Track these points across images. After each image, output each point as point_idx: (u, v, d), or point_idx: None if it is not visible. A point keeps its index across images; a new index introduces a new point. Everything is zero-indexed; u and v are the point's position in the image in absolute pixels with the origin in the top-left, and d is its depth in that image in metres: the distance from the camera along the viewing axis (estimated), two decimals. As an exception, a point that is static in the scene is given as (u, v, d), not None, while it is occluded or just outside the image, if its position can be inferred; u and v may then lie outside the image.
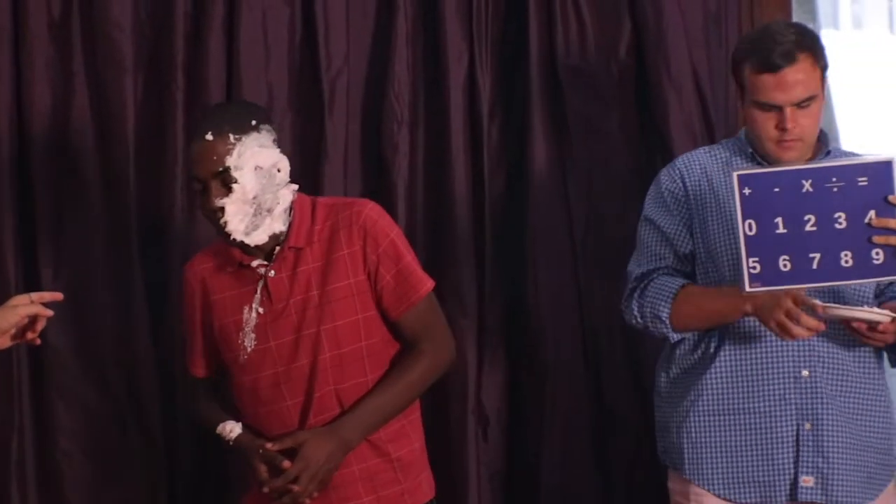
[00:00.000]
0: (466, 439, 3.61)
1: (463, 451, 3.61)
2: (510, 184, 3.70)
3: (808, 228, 2.80)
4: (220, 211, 2.85)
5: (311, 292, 2.90)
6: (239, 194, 2.84)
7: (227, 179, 2.85)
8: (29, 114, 3.53)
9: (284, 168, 2.92)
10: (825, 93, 3.01)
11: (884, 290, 3.05)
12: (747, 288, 2.83)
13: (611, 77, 3.70)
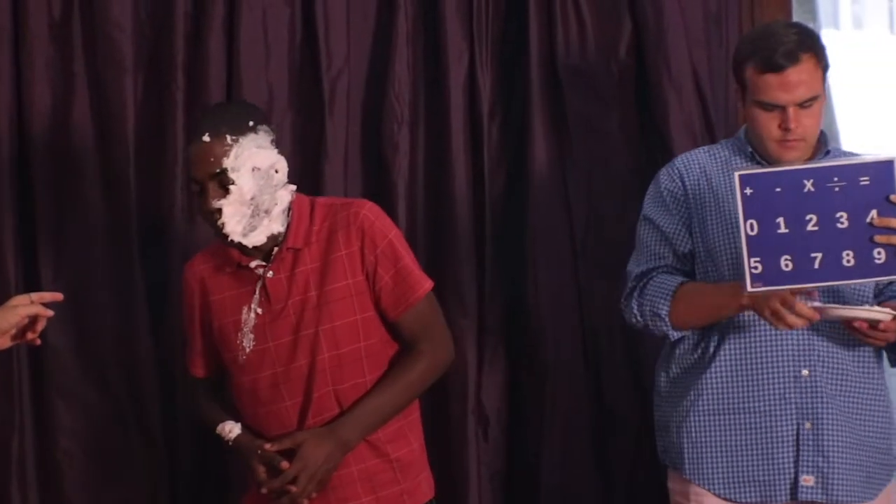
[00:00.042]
0: (466, 439, 3.61)
1: (463, 451, 3.61)
2: (510, 183, 3.70)
3: (810, 228, 2.80)
4: (218, 212, 2.85)
5: (310, 293, 2.90)
6: (236, 196, 2.84)
7: (225, 181, 2.84)
8: (29, 114, 3.53)
9: (282, 169, 2.91)
10: (826, 93, 3.02)
11: (883, 290, 3.05)
12: (749, 288, 2.82)
13: (611, 77, 3.70)
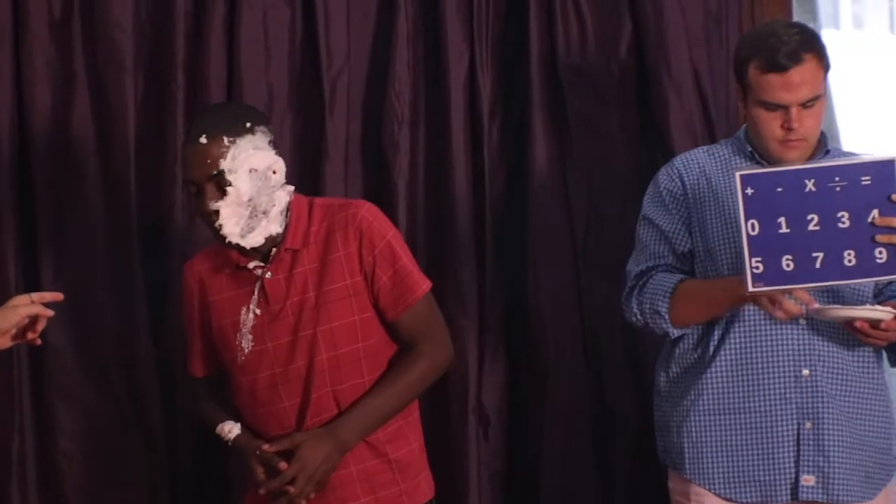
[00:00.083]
0: (467, 439, 3.61)
1: (463, 451, 3.61)
2: (511, 183, 3.69)
3: (811, 228, 2.80)
4: (215, 214, 2.84)
5: (308, 294, 2.90)
6: (233, 197, 2.83)
7: (222, 182, 2.84)
8: (29, 114, 3.53)
9: (280, 170, 2.90)
10: (826, 92, 3.02)
11: (882, 290, 3.05)
12: (750, 288, 2.82)
13: (611, 76, 3.70)
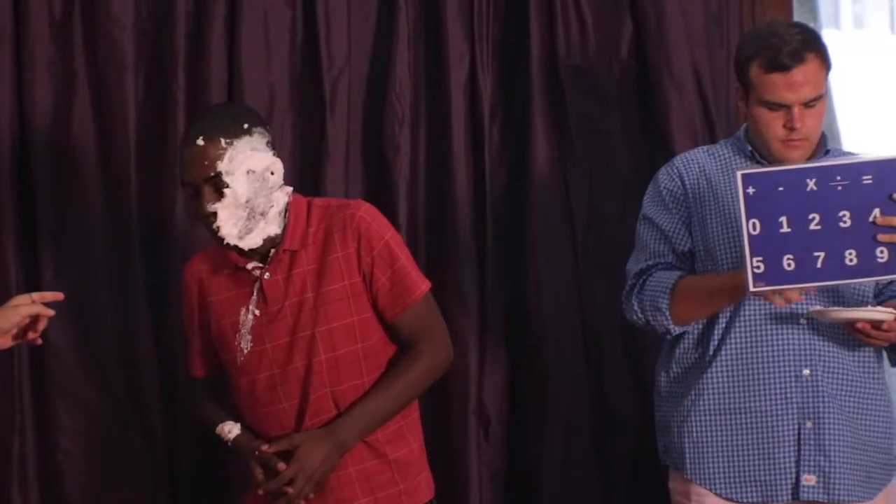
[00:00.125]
0: (467, 439, 3.61)
1: (464, 451, 3.61)
2: (511, 184, 3.70)
3: (813, 227, 2.80)
4: (213, 216, 2.84)
5: (306, 294, 2.90)
6: (231, 199, 2.83)
7: (219, 184, 2.83)
8: (30, 113, 3.53)
9: (278, 171, 2.90)
10: (828, 92, 3.02)
11: (883, 290, 3.05)
12: (751, 288, 2.82)
13: (612, 77, 3.70)
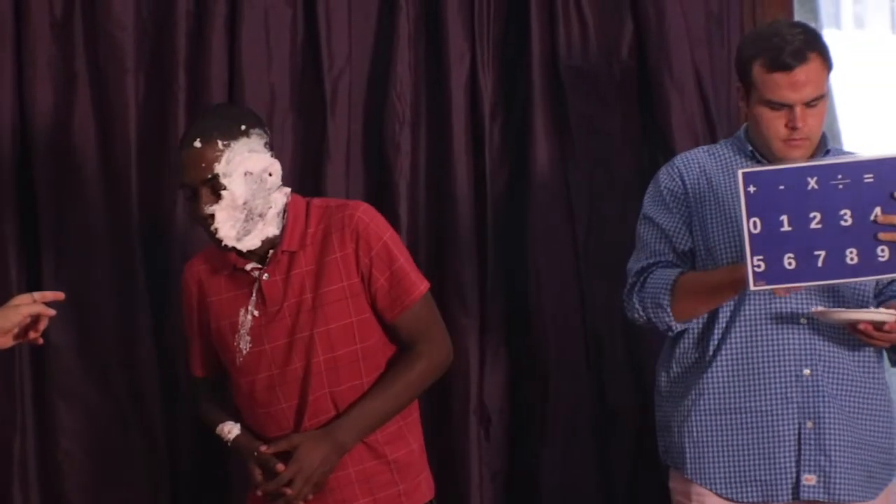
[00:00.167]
0: (468, 439, 3.61)
1: (464, 451, 3.60)
2: (512, 184, 3.70)
3: (813, 226, 2.80)
4: (210, 218, 2.84)
5: (305, 295, 2.89)
6: (228, 201, 2.83)
7: (217, 186, 2.83)
8: (31, 113, 3.53)
9: (276, 172, 2.89)
10: (829, 92, 3.02)
11: (883, 290, 3.05)
12: (752, 287, 2.82)
13: (612, 77, 3.70)
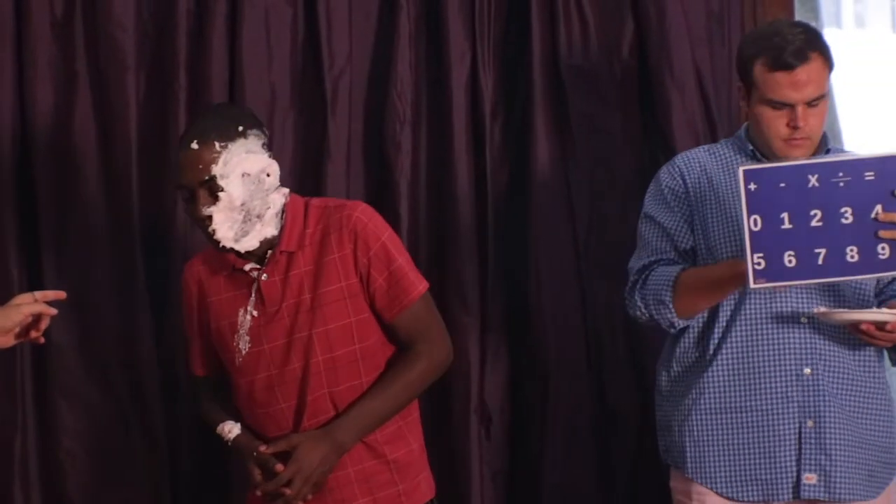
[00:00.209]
0: (469, 438, 3.61)
1: (465, 450, 3.60)
2: (513, 183, 3.70)
3: (814, 224, 2.80)
4: (208, 219, 2.84)
5: (304, 296, 2.89)
6: (226, 202, 2.82)
7: (214, 188, 2.83)
8: (31, 113, 3.53)
9: (274, 172, 2.89)
10: (829, 92, 3.02)
11: (883, 289, 3.05)
12: (752, 284, 2.82)
13: (613, 77, 3.71)
